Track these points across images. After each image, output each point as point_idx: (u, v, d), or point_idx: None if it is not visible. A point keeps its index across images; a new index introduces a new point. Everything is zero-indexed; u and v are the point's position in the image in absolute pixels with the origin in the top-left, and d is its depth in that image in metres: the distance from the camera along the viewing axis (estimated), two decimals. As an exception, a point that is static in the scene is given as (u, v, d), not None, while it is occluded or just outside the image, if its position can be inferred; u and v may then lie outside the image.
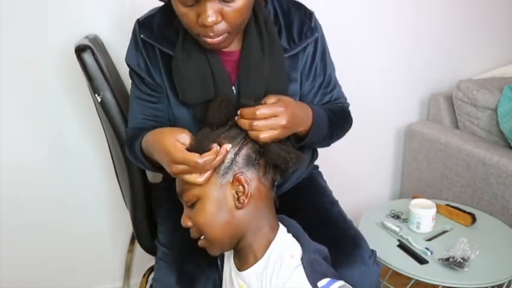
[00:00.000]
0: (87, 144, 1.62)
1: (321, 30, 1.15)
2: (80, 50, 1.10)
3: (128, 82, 1.51)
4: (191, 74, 1.00)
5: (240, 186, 0.81)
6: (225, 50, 1.02)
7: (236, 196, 0.81)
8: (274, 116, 0.86)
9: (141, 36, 1.03)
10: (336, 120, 1.12)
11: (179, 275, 1.00)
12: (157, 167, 1.00)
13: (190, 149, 0.80)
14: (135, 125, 1.10)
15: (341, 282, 0.79)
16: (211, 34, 0.90)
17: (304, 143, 1.03)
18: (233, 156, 0.81)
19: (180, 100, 1.03)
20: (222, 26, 0.90)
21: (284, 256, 0.81)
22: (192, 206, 0.84)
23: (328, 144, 1.17)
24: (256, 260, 0.84)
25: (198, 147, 0.80)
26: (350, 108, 1.28)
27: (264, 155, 0.83)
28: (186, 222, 0.86)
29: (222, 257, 0.97)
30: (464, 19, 2.08)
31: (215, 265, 0.99)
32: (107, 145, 1.43)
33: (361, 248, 1.06)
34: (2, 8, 1.41)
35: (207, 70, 1.00)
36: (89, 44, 1.13)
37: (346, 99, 1.26)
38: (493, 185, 1.69)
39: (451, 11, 2.04)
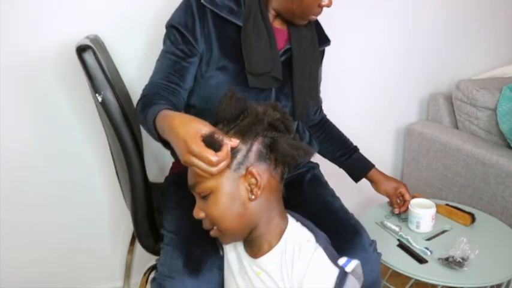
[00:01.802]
0: (87, 144, 1.62)
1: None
2: (81, 50, 1.10)
3: (128, 82, 1.52)
4: (258, 47, 1.15)
5: (253, 179, 0.83)
6: (278, 27, 1.22)
7: (249, 188, 0.84)
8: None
9: (202, 1, 1.15)
10: None
11: (186, 259, 1.03)
12: (163, 141, 1.00)
13: (203, 140, 0.81)
14: (159, 80, 1.14)
15: (356, 261, 0.83)
16: (321, 11, 1.18)
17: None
18: (245, 153, 0.84)
19: (247, 69, 1.15)
20: None
21: (301, 241, 0.85)
22: (204, 197, 0.86)
23: None
24: (271, 248, 0.87)
25: (211, 140, 0.81)
26: (350, 108, 1.36)
27: (274, 152, 0.85)
28: (198, 214, 0.88)
29: (222, 246, 0.99)
30: (463, 19, 2.08)
31: (219, 251, 1.03)
32: (108, 145, 1.43)
33: (361, 236, 1.12)
34: (2, 8, 1.41)
35: (267, 44, 1.16)
36: (90, 44, 1.13)
37: None
38: (492, 184, 1.69)
39: (451, 11, 2.05)
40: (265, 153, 0.85)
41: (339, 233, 1.11)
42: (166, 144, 0.96)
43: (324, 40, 1.33)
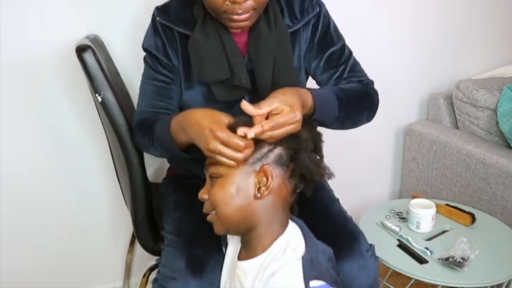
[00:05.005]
0: (87, 144, 1.62)
1: (324, 7, 1.19)
2: (80, 50, 1.10)
3: (128, 82, 1.52)
4: (208, 54, 1.07)
5: (264, 178, 0.84)
6: (235, 31, 1.09)
7: (258, 186, 0.84)
8: (292, 125, 0.85)
9: (158, 19, 1.11)
10: (348, 99, 1.10)
11: (189, 259, 1.02)
12: (179, 148, 1.00)
13: (228, 128, 0.84)
14: (148, 108, 1.12)
15: None
16: (240, 11, 0.98)
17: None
18: (266, 151, 0.84)
19: (197, 79, 1.09)
20: (249, 3, 0.98)
21: (287, 248, 0.83)
22: (214, 179, 0.86)
23: (350, 125, 1.17)
24: (262, 253, 0.86)
25: (236, 127, 0.83)
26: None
27: (294, 161, 0.85)
28: (202, 195, 0.88)
29: (226, 244, 0.99)
30: (463, 19, 2.08)
31: (222, 250, 1.01)
32: (107, 145, 1.43)
33: (359, 241, 1.09)
34: (2, 8, 1.41)
35: (221, 50, 1.07)
36: (90, 44, 1.13)
37: (365, 75, 1.25)
38: (492, 184, 1.69)
39: (451, 10, 2.04)
40: (285, 160, 0.85)
41: (337, 238, 1.07)
42: (183, 151, 0.96)
43: (309, 10, 1.15)
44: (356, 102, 1.14)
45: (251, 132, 0.81)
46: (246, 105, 0.84)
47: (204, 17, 1.07)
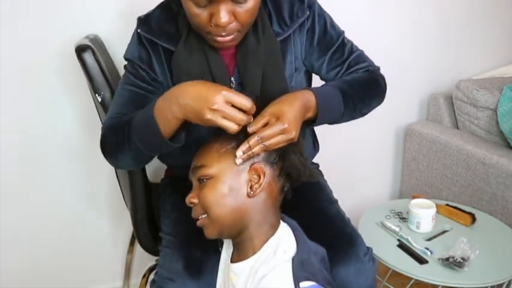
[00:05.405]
0: (87, 144, 1.62)
1: (318, 6, 1.13)
2: (80, 50, 1.10)
3: (128, 82, 1.51)
4: (191, 72, 1.01)
5: (255, 176, 0.85)
6: (227, 49, 1.04)
7: (250, 184, 0.84)
8: (281, 134, 0.86)
9: (139, 31, 1.05)
10: (353, 91, 1.08)
11: (186, 261, 1.01)
12: (161, 143, 0.91)
13: None
14: (119, 115, 1.01)
15: None
16: (224, 34, 0.94)
17: (316, 125, 1.04)
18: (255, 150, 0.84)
19: None
20: (233, 25, 0.93)
21: (278, 250, 0.83)
22: (202, 183, 0.86)
23: (359, 116, 1.16)
24: (253, 254, 0.86)
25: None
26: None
27: (283, 160, 0.87)
28: (191, 199, 0.87)
29: (222, 245, 0.99)
30: (464, 19, 2.08)
31: (219, 250, 1.01)
32: (107, 145, 1.43)
33: (356, 245, 1.06)
34: (1, 8, 1.41)
35: (206, 68, 1.02)
36: (90, 44, 1.13)
37: (371, 62, 1.22)
38: (492, 184, 1.69)
39: (451, 10, 2.04)
40: (274, 158, 0.87)
41: (334, 242, 1.04)
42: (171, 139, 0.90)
43: (298, 14, 1.09)
44: (362, 93, 1.11)
45: (239, 152, 0.83)
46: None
47: (188, 32, 1.02)
